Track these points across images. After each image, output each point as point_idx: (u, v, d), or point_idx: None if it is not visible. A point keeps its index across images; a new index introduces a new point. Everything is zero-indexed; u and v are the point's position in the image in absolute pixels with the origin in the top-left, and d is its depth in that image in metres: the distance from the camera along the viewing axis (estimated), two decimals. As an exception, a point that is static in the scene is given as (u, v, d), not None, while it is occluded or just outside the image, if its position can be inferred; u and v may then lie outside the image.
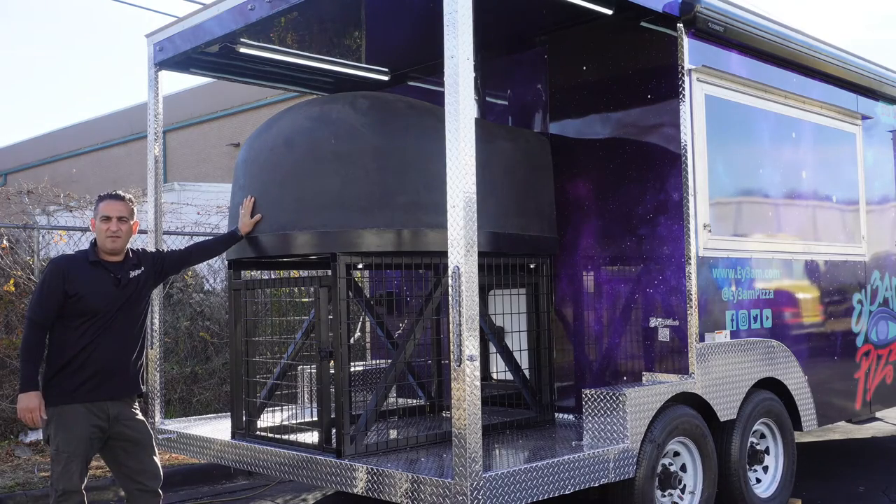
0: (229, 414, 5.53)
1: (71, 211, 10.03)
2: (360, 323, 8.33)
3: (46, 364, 4.18)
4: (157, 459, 4.37)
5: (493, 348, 5.74)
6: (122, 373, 4.25)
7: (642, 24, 5.32)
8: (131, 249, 4.42)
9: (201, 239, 9.62)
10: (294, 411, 6.08)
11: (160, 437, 5.62)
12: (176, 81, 58.31)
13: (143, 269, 4.38)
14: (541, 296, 5.46)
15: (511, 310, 5.62)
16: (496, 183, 5.05)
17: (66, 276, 4.13)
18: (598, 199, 5.53)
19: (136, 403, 4.40)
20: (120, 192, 4.38)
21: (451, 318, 3.80)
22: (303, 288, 8.84)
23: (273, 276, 6.60)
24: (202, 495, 6.61)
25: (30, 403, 4.05)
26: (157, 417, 5.73)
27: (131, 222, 4.32)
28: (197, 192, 12.81)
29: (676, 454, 4.99)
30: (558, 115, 5.81)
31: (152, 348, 5.83)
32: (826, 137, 6.43)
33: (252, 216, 4.85)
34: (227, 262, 5.46)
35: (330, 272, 4.68)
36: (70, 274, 4.15)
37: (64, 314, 4.13)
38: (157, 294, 5.85)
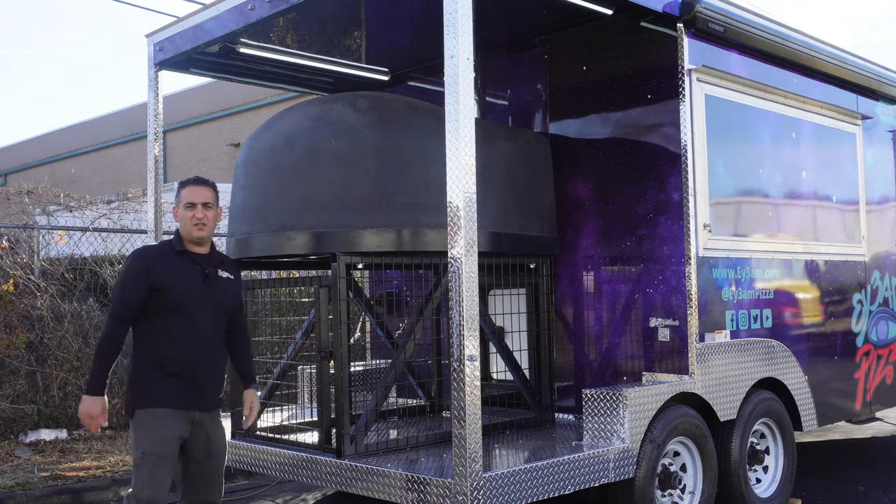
0: (229, 414, 5.53)
1: (71, 211, 10.02)
2: (360, 323, 8.32)
3: (133, 364, 3.89)
4: (222, 474, 4.07)
5: (493, 348, 5.74)
6: (214, 381, 3.99)
7: (642, 24, 5.32)
8: (216, 250, 4.12)
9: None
10: (294, 411, 6.08)
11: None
12: (176, 81, 58.34)
13: (233, 277, 4.09)
14: (541, 296, 5.46)
15: (511, 310, 5.62)
16: (496, 183, 5.05)
17: (150, 268, 3.82)
18: (598, 199, 5.53)
19: (220, 409, 4.11)
20: (202, 177, 4.09)
21: (451, 318, 3.81)
22: (303, 288, 8.83)
23: (273, 276, 6.60)
24: (202, 495, 6.60)
25: (93, 409, 3.74)
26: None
27: (216, 209, 4.02)
28: (197, 192, 12.76)
29: (676, 454, 4.99)
30: (558, 115, 5.81)
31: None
32: (826, 137, 6.43)
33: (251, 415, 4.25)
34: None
35: (330, 272, 4.69)
36: (155, 265, 3.84)
37: (148, 309, 3.82)
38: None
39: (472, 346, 3.79)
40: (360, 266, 4.83)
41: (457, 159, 3.82)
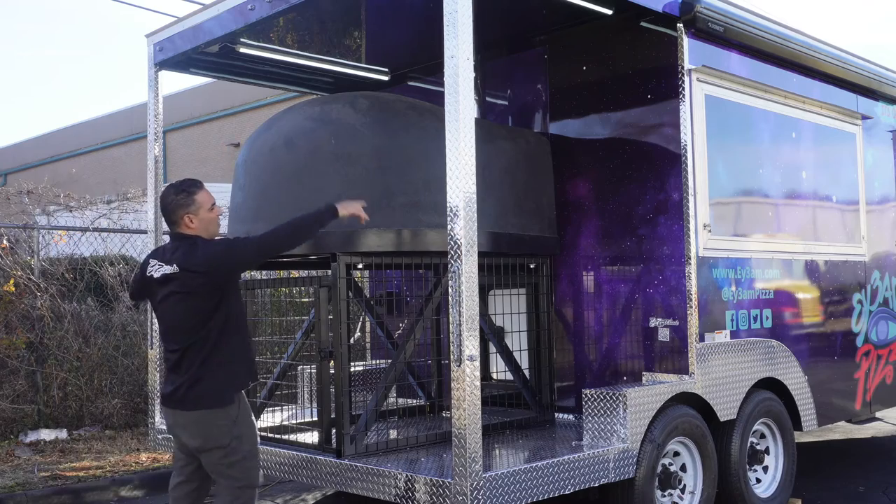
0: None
1: (71, 211, 10.03)
2: (360, 323, 8.32)
3: (232, 358, 3.92)
4: None
5: (493, 348, 5.74)
6: None
7: (642, 24, 5.32)
8: None
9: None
10: (294, 411, 6.08)
11: (160, 437, 5.62)
12: (176, 81, 58.34)
13: None
14: (541, 296, 5.46)
15: (511, 310, 5.62)
16: (496, 183, 5.05)
17: None
18: (598, 199, 5.53)
19: None
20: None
21: (451, 318, 3.80)
22: (303, 288, 8.83)
23: (273, 276, 6.60)
24: (202, 495, 6.60)
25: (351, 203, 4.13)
26: (157, 417, 5.73)
27: None
28: (197, 192, 12.76)
29: (676, 454, 4.99)
30: (558, 115, 5.81)
31: (152, 348, 5.83)
32: (826, 137, 6.42)
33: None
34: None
35: (330, 272, 4.68)
36: None
37: (235, 303, 3.95)
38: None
39: (472, 346, 3.79)
40: (360, 266, 4.83)
41: (457, 159, 3.82)
